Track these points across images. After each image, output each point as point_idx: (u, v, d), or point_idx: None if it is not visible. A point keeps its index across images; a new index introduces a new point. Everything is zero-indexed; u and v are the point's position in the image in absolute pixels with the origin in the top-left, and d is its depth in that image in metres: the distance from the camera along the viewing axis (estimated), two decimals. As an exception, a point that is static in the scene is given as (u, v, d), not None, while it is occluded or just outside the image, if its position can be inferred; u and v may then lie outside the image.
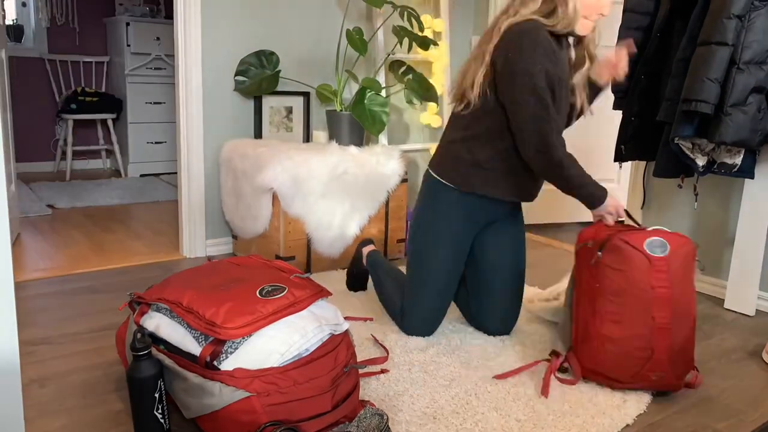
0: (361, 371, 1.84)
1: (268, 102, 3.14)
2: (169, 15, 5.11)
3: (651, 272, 1.74)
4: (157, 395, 1.46)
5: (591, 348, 1.82)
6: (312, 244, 2.76)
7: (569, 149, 1.91)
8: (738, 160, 2.37)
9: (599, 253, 1.79)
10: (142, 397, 1.45)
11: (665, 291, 1.74)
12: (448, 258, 2.08)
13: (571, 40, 2.03)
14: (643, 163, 2.99)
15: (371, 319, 2.29)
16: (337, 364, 1.52)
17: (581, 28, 1.92)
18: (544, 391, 1.81)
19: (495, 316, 2.18)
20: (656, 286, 1.74)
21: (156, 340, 1.57)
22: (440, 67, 3.55)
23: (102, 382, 1.82)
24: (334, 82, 3.22)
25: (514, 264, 2.16)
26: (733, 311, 2.61)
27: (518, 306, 2.21)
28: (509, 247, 2.16)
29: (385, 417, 1.44)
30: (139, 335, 1.45)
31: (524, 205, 2.15)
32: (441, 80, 3.55)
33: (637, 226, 1.93)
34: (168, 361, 1.52)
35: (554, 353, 1.98)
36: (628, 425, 1.69)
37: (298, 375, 1.44)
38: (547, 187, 2.37)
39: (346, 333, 1.63)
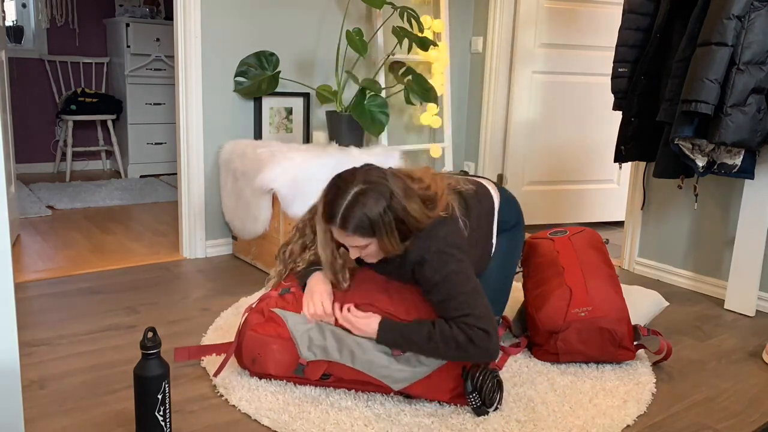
0: None
1: (268, 103, 3.14)
2: (169, 16, 5.11)
3: (554, 245, 2.16)
4: (160, 396, 1.46)
5: (531, 318, 2.05)
6: (312, 245, 2.76)
7: (571, 150, 1.92)
8: (738, 160, 2.36)
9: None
10: (146, 395, 1.46)
11: (568, 251, 2.11)
12: None
13: None
14: (643, 163, 2.99)
15: None
16: None
17: None
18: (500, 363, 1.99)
19: None
20: (559, 249, 2.13)
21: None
22: (440, 67, 3.55)
23: (102, 383, 1.81)
24: (333, 82, 3.22)
25: None
26: (733, 312, 2.61)
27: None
28: None
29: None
30: (150, 334, 1.46)
31: (523, 204, 2.14)
32: (441, 81, 3.55)
33: None
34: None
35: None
36: (628, 426, 1.69)
37: None
38: (547, 188, 2.37)
39: None
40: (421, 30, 3.15)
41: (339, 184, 1.70)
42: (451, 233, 1.71)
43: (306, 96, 3.25)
